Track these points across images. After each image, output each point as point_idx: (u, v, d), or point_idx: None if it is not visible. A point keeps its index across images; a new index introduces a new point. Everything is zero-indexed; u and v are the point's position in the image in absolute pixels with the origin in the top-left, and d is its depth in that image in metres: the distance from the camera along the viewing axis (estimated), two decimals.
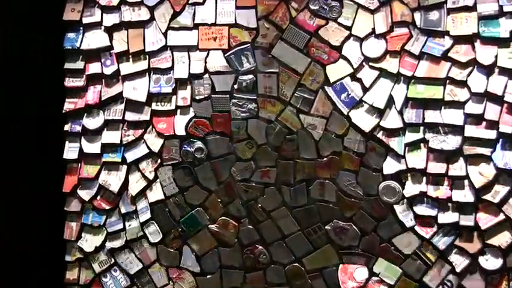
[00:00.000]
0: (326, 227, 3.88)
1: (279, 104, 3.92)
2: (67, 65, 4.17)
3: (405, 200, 3.75)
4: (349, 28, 3.83)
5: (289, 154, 3.91)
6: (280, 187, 3.93)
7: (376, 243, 3.81)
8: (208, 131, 4.00)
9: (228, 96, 3.97)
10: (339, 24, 3.85)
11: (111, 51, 4.12)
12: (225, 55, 3.97)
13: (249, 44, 3.95)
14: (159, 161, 4.06)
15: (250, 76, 3.94)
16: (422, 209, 3.73)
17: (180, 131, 4.03)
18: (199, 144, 4.00)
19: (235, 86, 3.95)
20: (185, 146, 4.02)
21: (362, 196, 3.82)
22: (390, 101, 3.76)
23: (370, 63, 3.81)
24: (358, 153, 3.82)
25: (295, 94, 3.89)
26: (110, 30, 4.14)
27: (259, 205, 3.96)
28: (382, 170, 3.78)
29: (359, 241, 3.84)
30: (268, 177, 3.94)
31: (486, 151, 3.62)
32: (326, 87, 3.86)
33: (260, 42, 3.95)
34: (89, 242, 4.15)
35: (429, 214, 3.72)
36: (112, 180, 4.11)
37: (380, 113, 3.78)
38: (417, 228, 3.74)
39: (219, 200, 4.01)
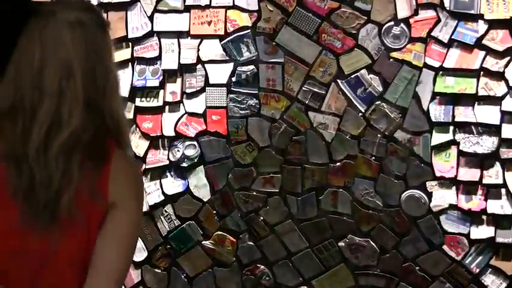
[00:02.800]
0: (339, 244, 3.86)
1: (284, 100, 3.89)
2: None
3: (432, 213, 3.73)
4: (367, 13, 3.79)
5: (297, 158, 3.88)
6: (285, 197, 3.90)
7: (398, 262, 3.79)
8: (201, 130, 3.96)
9: (224, 89, 3.93)
10: (355, 8, 3.80)
11: None
12: (222, 42, 3.92)
13: (249, 30, 3.90)
14: (144, 166, 4.02)
15: (251, 67, 3.90)
16: (451, 224, 3.72)
17: (168, 130, 3.99)
18: (190, 146, 3.97)
19: (233, 79, 3.92)
20: (175, 148, 3.98)
21: (382, 207, 3.79)
22: (415, 97, 3.73)
23: (391, 53, 3.76)
24: (377, 158, 3.78)
25: (304, 88, 3.85)
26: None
27: (261, 218, 3.94)
28: (405, 177, 3.75)
29: (378, 260, 3.82)
30: (271, 185, 3.92)
31: None
32: (339, 81, 3.82)
33: (262, 28, 3.90)
34: None
35: (460, 231, 3.71)
36: None
37: (403, 111, 3.74)
38: (445, 246, 3.73)
39: (214, 212, 3.98)
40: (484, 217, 3.67)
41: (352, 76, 3.81)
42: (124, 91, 3.98)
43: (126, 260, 1.93)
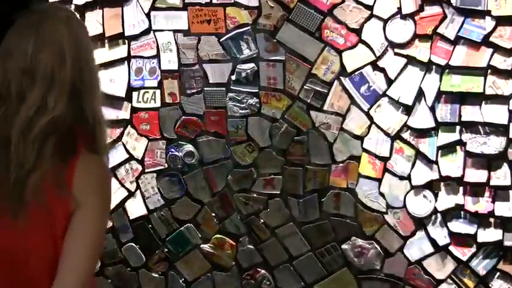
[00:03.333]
0: (343, 247, 3.86)
1: (285, 99, 3.88)
2: None
3: (438, 214, 3.71)
4: (370, 7, 3.76)
5: (298, 159, 3.88)
6: (286, 199, 3.90)
7: (403, 265, 3.78)
8: (200, 131, 3.96)
9: (223, 89, 3.92)
10: (358, 2, 3.77)
11: None
12: (221, 39, 3.91)
13: (249, 27, 3.89)
14: (141, 168, 4.03)
15: (251, 65, 3.89)
16: (458, 226, 3.70)
17: (167, 132, 3.99)
18: (189, 147, 3.97)
19: (233, 77, 3.91)
20: (173, 150, 3.99)
21: (386, 209, 3.78)
22: (420, 95, 3.71)
23: (395, 50, 3.74)
24: (381, 158, 3.77)
25: (305, 86, 3.84)
26: (82, 10, 4.05)
27: (262, 220, 3.94)
28: (410, 177, 3.73)
29: (382, 263, 3.82)
30: (272, 187, 3.92)
31: None
32: (342, 78, 3.80)
33: (263, 24, 3.88)
34: None
35: (467, 232, 3.69)
36: None
37: (408, 109, 3.72)
38: (452, 248, 3.71)
39: (213, 215, 3.99)
40: (492, 220, 3.65)
41: (355, 73, 3.79)
42: (121, 91, 4.01)
43: (91, 259, 2.01)
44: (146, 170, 4.02)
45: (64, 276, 1.95)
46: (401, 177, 3.75)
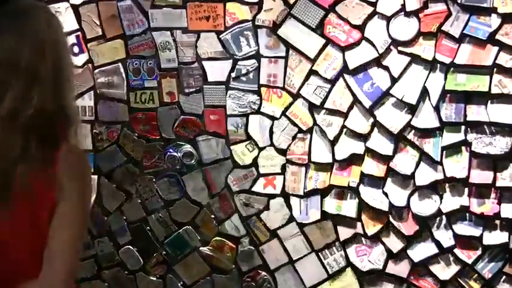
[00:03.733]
0: (345, 247, 3.86)
1: (286, 96, 3.87)
2: None
3: (443, 216, 3.71)
4: (373, 4, 3.74)
5: (299, 158, 3.87)
6: (288, 199, 3.89)
7: (406, 266, 3.79)
8: (199, 131, 3.96)
9: (223, 87, 3.92)
10: None
11: (79, 35, 4.06)
12: (220, 36, 3.90)
13: (249, 23, 3.88)
14: (140, 170, 4.04)
15: (251, 62, 3.89)
16: (463, 228, 3.69)
17: (165, 132, 3.99)
18: (187, 147, 3.97)
19: (233, 74, 3.90)
20: (171, 151, 3.99)
21: (389, 209, 3.77)
22: (424, 94, 3.69)
23: (399, 48, 3.72)
24: (384, 157, 3.75)
25: (307, 83, 3.83)
26: (76, 7, 4.05)
27: (262, 222, 3.94)
28: (414, 177, 3.72)
29: (385, 264, 3.81)
30: (273, 187, 3.91)
31: None
32: (345, 75, 3.79)
33: (263, 20, 3.87)
34: None
35: (472, 234, 3.68)
36: None
37: (412, 108, 3.70)
38: (457, 250, 3.71)
39: (213, 216, 3.98)
40: (497, 222, 3.64)
41: (358, 70, 3.78)
42: (120, 92, 4.01)
43: (76, 247, 2.09)
44: (144, 172, 4.03)
45: (52, 264, 2.00)
46: (405, 177, 3.73)
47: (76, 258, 2.08)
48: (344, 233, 3.85)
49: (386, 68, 3.74)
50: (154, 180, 4.02)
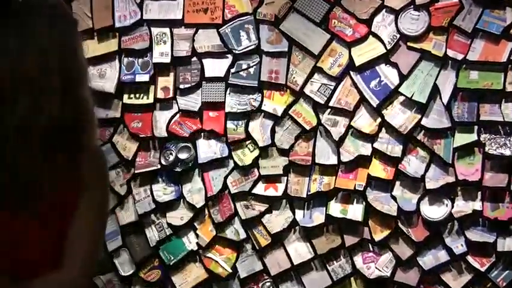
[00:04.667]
0: (351, 253, 3.84)
1: (288, 94, 3.87)
2: None
3: (454, 221, 3.70)
4: None
5: (302, 159, 3.86)
6: (290, 202, 3.89)
7: (416, 274, 3.77)
8: (196, 129, 3.96)
9: (222, 84, 3.92)
10: None
11: None
12: (219, 29, 3.91)
13: (250, 16, 3.89)
14: (132, 170, 4.04)
15: (252, 57, 3.89)
16: (476, 233, 3.69)
17: (160, 130, 4.00)
18: (184, 146, 3.97)
19: (232, 70, 3.91)
20: (167, 150, 3.98)
21: (398, 213, 3.75)
22: (435, 93, 3.70)
23: (408, 43, 3.73)
24: (392, 158, 3.75)
25: (311, 81, 3.83)
26: (69, 0, 4.04)
27: (264, 225, 3.92)
28: (424, 180, 3.72)
29: (394, 272, 3.79)
30: (274, 189, 3.91)
31: None
32: (351, 72, 3.80)
33: (264, 14, 3.88)
34: None
35: (486, 240, 3.67)
36: None
37: (422, 107, 3.70)
38: (469, 258, 3.70)
39: (211, 219, 3.97)
40: None
41: (365, 67, 3.78)
42: (111, 87, 4.02)
43: (96, 243, 2.16)
44: (138, 172, 4.03)
45: (70, 262, 2.04)
46: (414, 180, 3.73)
47: (94, 256, 2.13)
48: (350, 238, 3.84)
49: (395, 65, 3.74)
50: (147, 180, 4.03)
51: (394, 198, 3.76)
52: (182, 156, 3.96)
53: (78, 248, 2.06)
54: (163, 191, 4.02)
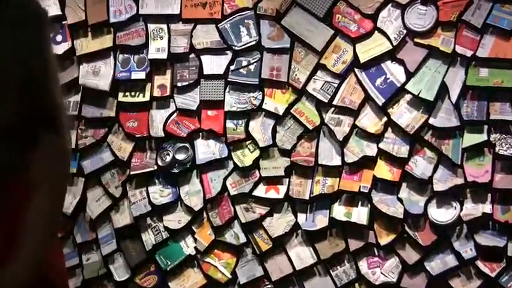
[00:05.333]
0: (355, 258, 3.83)
1: (290, 92, 3.87)
2: None
3: (463, 225, 3.68)
4: None
5: (305, 159, 3.85)
6: (292, 204, 3.88)
7: (423, 280, 3.76)
8: (195, 129, 3.96)
9: (221, 81, 3.92)
10: None
11: (63, 23, 4.09)
12: (219, 25, 3.91)
13: (250, 11, 3.88)
14: (128, 171, 4.04)
15: (252, 54, 3.89)
16: (485, 237, 3.67)
17: (157, 130, 4.00)
18: (181, 146, 3.96)
19: (231, 67, 3.91)
20: (164, 150, 3.98)
21: (404, 216, 3.73)
22: (443, 91, 3.68)
23: (415, 39, 3.72)
24: (399, 159, 3.73)
25: (314, 78, 3.82)
26: None
27: (264, 229, 3.91)
28: (431, 182, 3.70)
29: (400, 277, 3.78)
30: (276, 191, 3.89)
31: None
32: (356, 70, 3.78)
33: (265, 8, 3.88)
34: None
35: (496, 244, 3.65)
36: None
37: (429, 106, 3.69)
38: (479, 262, 3.68)
39: (209, 223, 3.97)
40: None
41: (370, 64, 3.77)
42: (105, 84, 4.04)
43: (48, 235, 2.20)
44: (134, 173, 4.03)
45: (20, 252, 2.09)
46: (421, 181, 3.71)
47: (41, 255, 2.15)
48: (355, 242, 3.83)
49: (401, 62, 3.74)
50: (143, 182, 4.03)
51: (400, 200, 3.75)
52: (180, 156, 3.95)
53: (26, 246, 2.08)
54: (159, 193, 4.02)
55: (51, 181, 2.14)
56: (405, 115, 3.73)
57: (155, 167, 4.00)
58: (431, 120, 3.69)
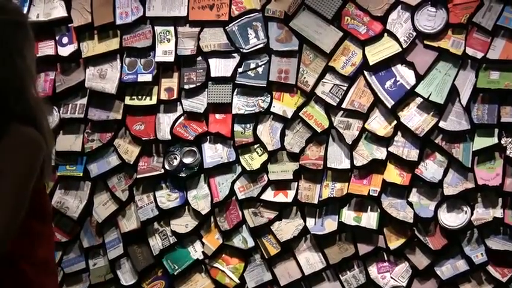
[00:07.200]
0: (365, 263, 3.84)
1: (299, 95, 3.88)
2: None
3: (474, 229, 3.69)
4: None
5: (314, 163, 3.86)
6: (301, 208, 3.89)
7: (433, 285, 3.77)
8: (202, 132, 3.96)
9: (229, 84, 3.92)
10: None
11: (68, 25, 4.10)
12: (226, 27, 3.91)
13: (258, 13, 3.90)
14: (135, 175, 4.03)
15: (260, 56, 3.90)
16: (496, 242, 3.68)
17: (164, 133, 3.99)
18: (189, 150, 3.96)
19: (239, 70, 3.91)
20: (171, 154, 3.98)
21: (414, 221, 3.74)
22: (453, 93, 3.69)
23: (425, 41, 3.73)
24: (409, 163, 3.74)
25: (322, 81, 3.83)
26: None
27: (273, 233, 3.91)
28: (442, 186, 3.71)
29: (410, 282, 3.79)
30: (284, 195, 3.90)
31: None
32: (365, 72, 3.80)
33: (273, 10, 3.89)
34: None
35: (507, 249, 3.66)
36: (70, 203, 4.09)
37: (439, 109, 3.70)
38: (490, 268, 3.68)
39: (217, 227, 3.97)
40: None
41: (380, 67, 3.77)
42: (112, 87, 4.01)
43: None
44: (141, 177, 4.01)
45: None
46: (432, 185, 3.71)
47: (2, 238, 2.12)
48: (364, 247, 3.83)
49: (411, 64, 3.74)
50: (151, 186, 4.03)
51: (410, 204, 3.74)
52: (187, 160, 3.95)
53: None
54: (167, 197, 4.00)
55: (14, 170, 2.12)
56: (415, 118, 3.72)
57: (163, 171, 3.97)
58: (441, 124, 3.68)
